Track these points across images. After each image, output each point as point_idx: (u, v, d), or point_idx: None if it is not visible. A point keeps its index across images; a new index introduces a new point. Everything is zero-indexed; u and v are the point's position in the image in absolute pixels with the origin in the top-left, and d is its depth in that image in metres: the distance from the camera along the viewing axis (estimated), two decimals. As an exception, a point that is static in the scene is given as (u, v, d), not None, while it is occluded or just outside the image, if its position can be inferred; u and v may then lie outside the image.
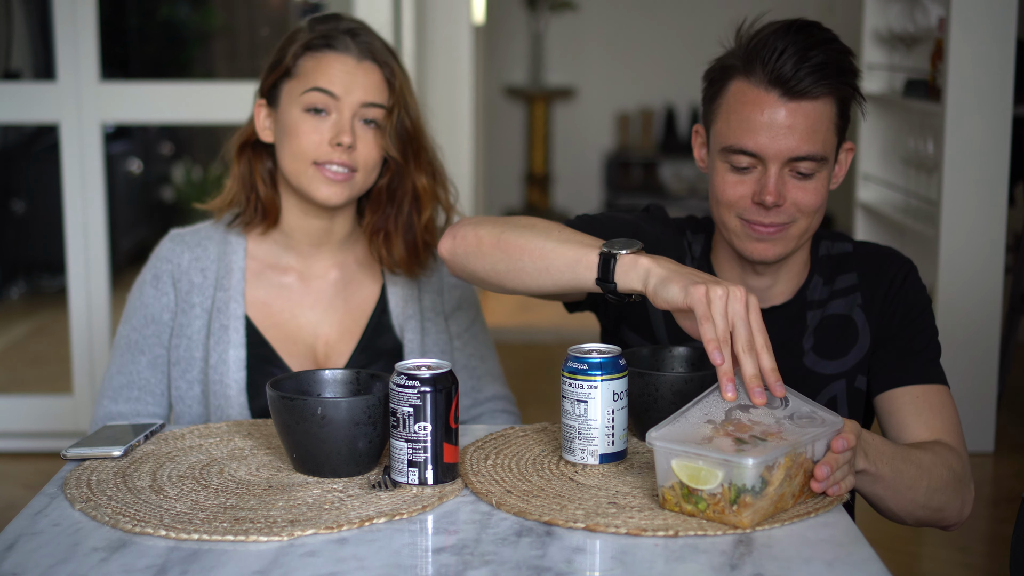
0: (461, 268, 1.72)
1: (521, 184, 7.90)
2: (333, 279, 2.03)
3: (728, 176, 1.71)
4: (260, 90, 2.00)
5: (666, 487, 1.39)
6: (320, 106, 1.92)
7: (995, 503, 3.60)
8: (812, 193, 1.70)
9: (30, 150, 5.82)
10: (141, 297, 2.01)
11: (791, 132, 1.66)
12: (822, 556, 1.30)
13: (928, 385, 1.74)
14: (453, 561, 1.30)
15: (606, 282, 1.54)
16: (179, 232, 2.03)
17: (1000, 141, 3.86)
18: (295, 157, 1.93)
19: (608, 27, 7.70)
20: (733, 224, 1.74)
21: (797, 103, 1.66)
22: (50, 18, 3.81)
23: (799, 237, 1.73)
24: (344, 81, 1.92)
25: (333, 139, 1.91)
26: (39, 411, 4.01)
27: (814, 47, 1.65)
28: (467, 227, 1.70)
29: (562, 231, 1.63)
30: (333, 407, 1.49)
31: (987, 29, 3.80)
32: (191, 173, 6.67)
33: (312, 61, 1.93)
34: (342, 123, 1.92)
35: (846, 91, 1.70)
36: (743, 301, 1.44)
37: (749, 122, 1.67)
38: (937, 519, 1.65)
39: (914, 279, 1.81)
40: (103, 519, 1.39)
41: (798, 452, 1.38)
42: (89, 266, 3.87)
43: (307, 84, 1.92)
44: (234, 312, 1.97)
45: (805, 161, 1.68)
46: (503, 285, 1.68)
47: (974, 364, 3.89)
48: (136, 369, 1.99)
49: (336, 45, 1.93)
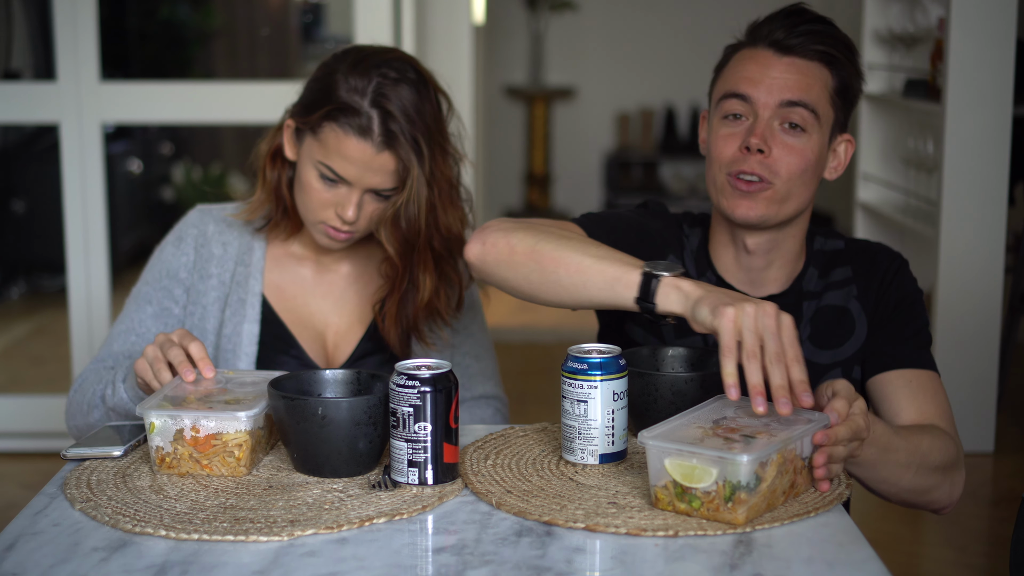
0: (490, 275, 1.68)
1: (521, 184, 7.90)
2: (345, 272, 2.06)
3: (721, 130, 1.77)
4: (292, 112, 1.96)
5: (659, 486, 1.40)
6: (332, 178, 1.90)
7: (995, 503, 3.60)
8: (798, 154, 1.73)
9: (30, 150, 5.82)
10: (161, 255, 2.04)
11: (783, 80, 1.73)
12: (822, 556, 1.30)
13: (919, 370, 1.77)
14: (453, 561, 1.30)
15: (646, 302, 1.53)
16: (207, 206, 2.08)
17: (1000, 141, 3.86)
18: (302, 207, 1.95)
19: (608, 27, 7.69)
20: (720, 181, 1.76)
21: (790, 58, 1.74)
22: (50, 18, 3.81)
23: (781, 202, 1.74)
24: (358, 171, 1.88)
25: (339, 211, 1.91)
26: (39, 411, 4.01)
27: (812, 20, 1.75)
28: (497, 233, 1.66)
29: (599, 247, 1.61)
30: (334, 407, 1.49)
31: (987, 29, 3.80)
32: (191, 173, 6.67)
33: (335, 137, 1.88)
34: (350, 200, 1.90)
35: (841, 63, 1.75)
36: (774, 316, 1.44)
37: (744, 71, 1.76)
38: (925, 502, 1.67)
39: (905, 271, 1.84)
40: (103, 519, 1.39)
41: (789, 448, 1.39)
42: (89, 266, 3.87)
43: (324, 157, 1.89)
44: (252, 288, 2.00)
45: (797, 107, 1.72)
46: (534, 296, 1.65)
47: (974, 364, 3.88)
48: (140, 317, 2.01)
49: (362, 130, 1.87)
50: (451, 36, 4.61)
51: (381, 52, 1.93)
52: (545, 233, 1.64)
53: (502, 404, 2.11)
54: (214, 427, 1.52)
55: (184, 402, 1.57)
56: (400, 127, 1.87)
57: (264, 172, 2.00)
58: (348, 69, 1.89)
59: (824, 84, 1.74)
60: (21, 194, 5.88)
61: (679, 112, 7.69)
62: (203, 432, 1.52)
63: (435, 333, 2.03)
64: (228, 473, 1.53)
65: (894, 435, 1.59)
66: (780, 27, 1.74)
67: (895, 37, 4.64)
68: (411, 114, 1.88)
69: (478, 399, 2.08)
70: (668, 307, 1.52)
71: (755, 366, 1.43)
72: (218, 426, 1.52)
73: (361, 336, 2.04)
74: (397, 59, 1.92)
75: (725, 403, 1.52)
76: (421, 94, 1.90)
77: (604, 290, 1.57)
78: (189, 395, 1.59)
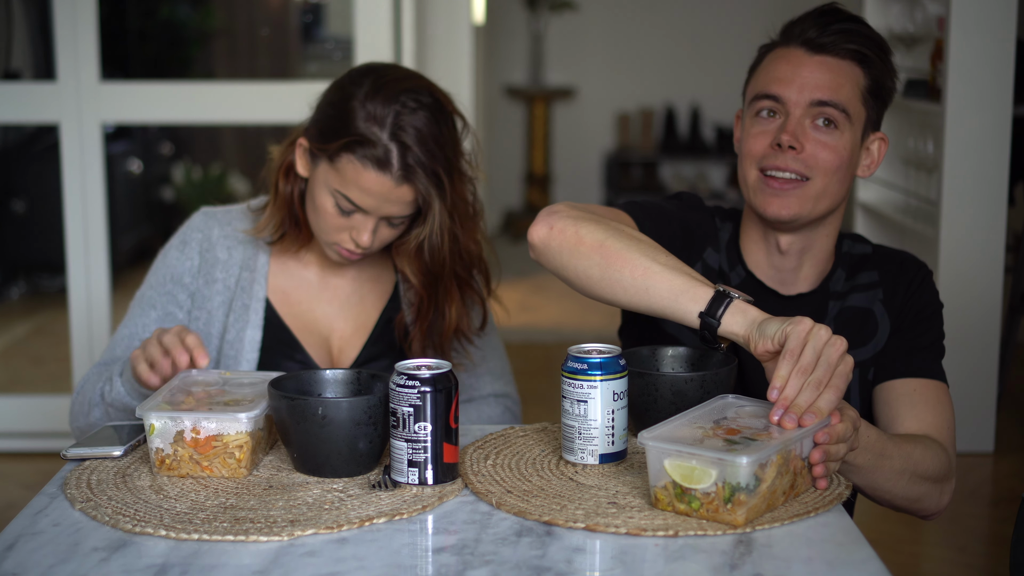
0: (551, 260, 1.66)
1: (521, 184, 7.90)
2: (351, 277, 2.06)
3: (753, 128, 1.78)
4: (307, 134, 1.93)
5: (658, 487, 1.40)
6: (348, 210, 1.89)
7: (995, 503, 3.60)
8: (831, 150, 1.74)
9: (30, 150, 5.82)
10: (165, 259, 2.03)
11: (814, 79, 1.74)
12: (822, 556, 1.30)
13: (927, 380, 1.77)
14: (453, 561, 1.30)
15: (711, 318, 1.52)
16: (212, 209, 2.06)
17: (1000, 141, 3.86)
18: (316, 228, 1.95)
19: (608, 27, 7.69)
20: (753, 178, 1.77)
21: (822, 57, 1.74)
22: (50, 18, 3.81)
23: (815, 199, 1.75)
24: (376, 203, 1.87)
25: (354, 235, 1.91)
26: (39, 411, 4.01)
27: (845, 19, 1.76)
28: (566, 220, 1.64)
29: (668, 256, 1.60)
30: (334, 407, 1.49)
31: (987, 29, 3.80)
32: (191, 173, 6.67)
33: (353, 169, 1.86)
34: (365, 227, 1.90)
35: (873, 62, 1.75)
36: (840, 351, 1.44)
37: (775, 71, 1.76)
38: (916, 509, 1.69)
39: (930, 283, 1.85)
40: (103, 519, 1.39)
41: (788, 450, 1.39)
42: (89, 266, 3.87)
43: (341, 187, 1.87)
44: (256, 294, 2.00)
45: (828, 107, 1.73)
46: (591, 290, 1.64)
47: (974, 364, 3.89)
48: (144, 322, 2.00)
49: (381, 163, 1.85)
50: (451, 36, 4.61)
51: (400, 79, 1.89)
52: (614, 229, 1.63)
53: (513, 403, 2.11)
54: (215, 428, 1.52)
55: (184, 404, 1.57)
56: (419, 160, 1.85)
57: (277, 186, 1.98)
58: (366, 97, 1.86)
59: (856, 83, 1.75)
60: (21, 194, 5.87)
61: (679, 112, 7.69)
62: (203, 434, 1.52)
63: (460, 353, 2.03)
64: (228, 475, 1.53)
65: (888, 441, 1.60)
66: (813, 26, 1.75)
67: (895, 37, 4.64)
68: (430, 145, 1.86)
69: (487, 397, 2.08)
70: (731, 327, 1.51)
71: (799, 381, 1.43)
72: (219, 427, 1.52)
73: (365, 341, 2.04)
74: (415, 87, 1.88)
75: (727, 403, 1.52)
76: (439, 120, 1.88)
77: (667, 298, 1.56)
78: (188, 397, 1.59)
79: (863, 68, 1.75)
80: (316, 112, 1.94)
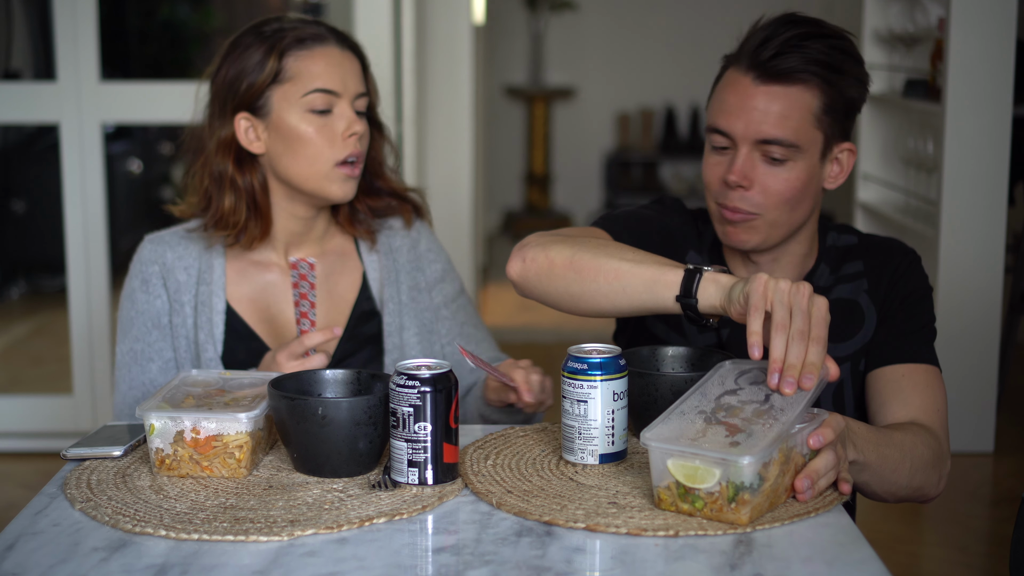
0: (532, 290, 1.68)
1: (521, 184, 7.90)
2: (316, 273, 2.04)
3: (709, 158, 1.77)
4: (235, 106, 1.94)
5: (661, 487, 1.40)
6: (325, 107, 1.91)
7: (995, 503, 3.60)
8: (783, 182, 1.72)
9: (30, 150, 5.82)
10: (134, 306, 2.00)
11: (760, 114, 1.69)
12: (822, 556, 1.30)
13: (916, 364, 1.76)
14: (453, 561, 1.30)
15: (688, 298, 1.52)
16: (156, 235, 2.03)
17: (1000, 141, 3.86)
18: (313, 161, 1.93)
19: (608, 27, 7.70)
20: (712, 207, 1.78)
21: (769, 86, 1.69)
22: (50, 18, 3.81)
23: (771, 228, 1.75)
24: (340, 76, 1.93)
25: (346, 131, 1.92)
26: (39, 411, 4.01)
27: (804, 38, 1.69)
28: (535, 248, 1.66)
29: (635, 252, 1.60)
30: (334, 407, 1.49)
31: (987, 29, 3.80)
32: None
33: (300, 61, 1.92)
34: (350, 115, 1.93)
35: (830, 84, 1.70)
36: (807, 295, 1.43)
37: (724, 103, 1.73)
38: (918, 496, 1.68)
39: (917, 266, 1.83)
40: (103, 519, 1.39)
41: (790, 447, 1.39)
42: (89, 266, 3.87)
43: (305, 87, 1.91)
44: (216, 307, 1.98)
45: (774, 145, 1.70)
46: (577, 307, 1.64)
47: (974, 364, 3.88)
48: (149, 378, 1.98)
49: (319, 38, 1.93)
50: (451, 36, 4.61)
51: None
52: (581, 243, 1.63)
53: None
54: (215, 428, 1.52)
55: (183, 404, 1.57)
56: (344, 32, 1.98)
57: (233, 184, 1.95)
58: (246, 36, 1.95)
59: (806, 108, 1.70)
60: (21, 194, 5.87)
61: (679, 112, 7.69)
62: (203, 434, 1.52)
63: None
64: (228, 475, 1.53)
65: (879, 433, 1.59)
66: (761, 43, 1.69)
67: (895, 37, 4.64)
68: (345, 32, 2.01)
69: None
70: (709, 301, 1.50)
71: (782, 339, 1.41)
72: (219, 427, 1.52)
73: (340, 337, 2.01)
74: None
75: (725, 372, 1.51)
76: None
77: (643, 292, 1.56)
78: (187, 397, 1.59)
79: (818, 89, 1.70)
80: (225, 88, 1.95)
